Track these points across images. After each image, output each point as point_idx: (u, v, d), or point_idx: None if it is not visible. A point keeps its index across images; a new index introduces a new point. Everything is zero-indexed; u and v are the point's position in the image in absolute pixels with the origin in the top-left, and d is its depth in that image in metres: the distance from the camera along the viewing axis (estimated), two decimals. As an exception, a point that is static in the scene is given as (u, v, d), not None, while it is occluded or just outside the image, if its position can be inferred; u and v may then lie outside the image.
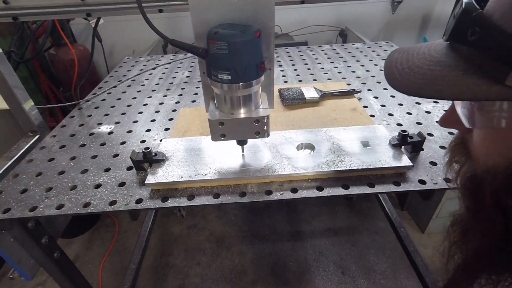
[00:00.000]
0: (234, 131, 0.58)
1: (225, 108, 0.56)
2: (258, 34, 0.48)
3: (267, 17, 0.50)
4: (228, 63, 0.48)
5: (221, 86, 0.51)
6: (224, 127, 0.56)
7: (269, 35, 0.52)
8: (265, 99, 0.60)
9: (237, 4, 0.49)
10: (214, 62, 0.50)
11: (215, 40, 0.47)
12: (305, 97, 0.93)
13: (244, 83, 0.51)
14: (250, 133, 0.58)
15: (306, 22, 2.06)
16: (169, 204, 0.61)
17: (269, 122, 0.57)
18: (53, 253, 0.73)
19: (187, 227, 1.77)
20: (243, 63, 0.49)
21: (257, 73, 0.51)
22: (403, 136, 0.67)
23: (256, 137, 0.58)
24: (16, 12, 0.75)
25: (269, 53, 0.55)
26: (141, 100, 1.05)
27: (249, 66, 0.49)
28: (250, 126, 0.57)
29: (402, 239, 1.32)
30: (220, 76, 0.50)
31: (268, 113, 0.56)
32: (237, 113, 0.56)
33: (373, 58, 1.28)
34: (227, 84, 0.50)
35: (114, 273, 1.55)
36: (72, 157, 0.77)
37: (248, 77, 0.50)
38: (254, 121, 0.56)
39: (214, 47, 0.47)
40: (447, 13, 2.02)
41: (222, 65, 0.49)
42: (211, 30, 0.48)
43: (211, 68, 0.51)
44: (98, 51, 1.90)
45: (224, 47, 0.47)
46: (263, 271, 1.50)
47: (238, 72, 0.49)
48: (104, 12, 0.77)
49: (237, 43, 0.46)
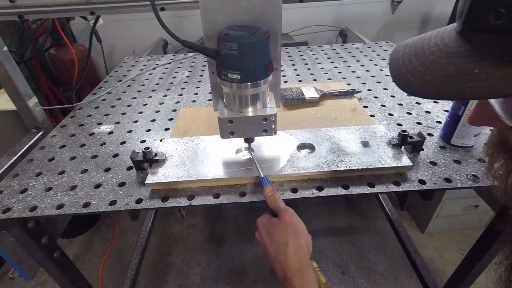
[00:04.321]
0: (243, 129, 0.59)
1: (234, 106, 0.57)
2: (266, 35, 0.50)
3: (275, 19, 0.52)
4: (238, 63, 0.50)
5: (230, 85, 0.53)
6: (233, 125, 0.58)
7: (276, 37, 0.54)
8: (272, 98, 0.61)
9: (246, 6, 0.50)
10: (224, 62, 0.51)
11: (226, 41, 0.48)
12: (305, 97, 0.93)
13: (252, 82, 0.52)
14: (258, 131, 0.59)
15: (306, 22, 2.06)
16: (169, 204, 0.61)
17: (277, 120, 0.58)
18: (53, 253, 0.73)
19: (187, 227, 1.77)
20: (252, 63, 0.50)
21: (265, 73, 0.53)
22: (403, 136, 0.67)
23: (264, 135, 0.59)
24: (21, 10, 0.76)
25: (276, 53, 0.56)
26: (141, 100, 1.05)
27: (258, 66, 0.51)
28: (258, 124, 0.58)
29: (402, 239, 1.32)
30: (230, 76, 0.51)
31: (275, 112, 0.57)
32: (246, 112, 0.57)
33: (373, 58, 1.28)
34: (237, 83, 0.52)
35: (114, 273, 1.55)
36: (72, 157, 0.77)
37: (256, 76, 0.52)
38: (262, 119, 0.57)
39: (224, 48, 0.49)
40: (447, 13, 2.02)
41: (232, 65, 0.50)
42: (221, 32, 0.50)
43: (221, 68, 0.52)
44: (97, 51, 1.90)
45: (234, 48, 0.48)
46: (263, 271, 1.50)
47: (248, 72, 0.51)
48: (107, 10, 0.78)
49: (247, 44, 0.48)
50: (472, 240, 0.84)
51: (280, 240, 0.48)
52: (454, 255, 1.53)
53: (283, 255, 0.47)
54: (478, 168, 0.65)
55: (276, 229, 0.50)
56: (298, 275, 0.45)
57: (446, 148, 0.72)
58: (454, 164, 0.67)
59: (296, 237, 0.48)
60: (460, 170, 0.65)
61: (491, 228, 0.76)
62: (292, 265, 0.46)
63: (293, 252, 0.47)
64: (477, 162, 0.67)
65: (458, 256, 1.52)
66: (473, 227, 1.66)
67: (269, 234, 0.50)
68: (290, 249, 0.47)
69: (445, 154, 0.70)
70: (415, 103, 0.92)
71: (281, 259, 0.47)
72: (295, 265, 0.46)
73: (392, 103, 0.93)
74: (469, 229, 1.66)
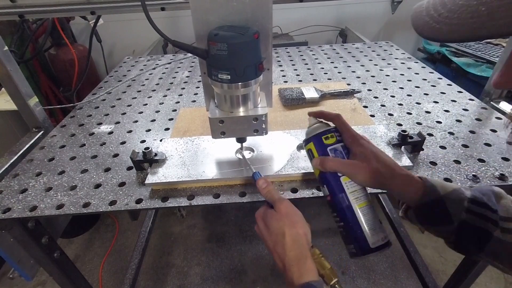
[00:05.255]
0: (234, 129, 0.59)
1: (225, 106, 0.57)
2: (256, 35, 0.50)
3: (265, 19, 0.52)
4: (228, 63, 0.50)
5: (221, 85, 0.53)
6: (224, 125, 0.58)
7: (267, 37, 0.54)
8: (263, 98, 0.61)
9: (237, 6, 0.51)
10: (214, 63, 0.51)
11: (215, 42, 0.48)
12: (305, 97, 0.93)
13: (243, 82, 0.52)
14: (249, 131, 0.59)
15: (306, 22, 2.06)
16: (169, 204, 0.61)
17: (268, 120, 0.58)
18: (53, 253, 0.73)
19: (187, 227, 1.77)
20: (242, 63, 0.50)
21: (255, 73, 0.53)
22: (403, 136, 0.67)
23: (255, 135, 0.59)
24: (22, 10, 0.76)
25: (267, 53, 0.56)
26: (141, 100, 1.05)
27: (248, 66, 0.51)
28: (249, 124, 0.58)
29: (402, 239, 1.32)
30: (220, 76, 0.51)
31: (266, 112, 0.57)
32: (237, 112, 0.57)
33: (373, 58, 1.28)
34: (227, 83, 0.52)
35: (114, 273, 1.55)
36: (72, 157, 0.77)
37: (247, 77, 0.52)
38: (253, 119, 0.57)
39: (214, 48, 0.49)
40: (447, 13, 2.02)
41: (222, 66, 0.50)
42: (211, 32, 0.50)
43: (211, 68, 0.52)
44: (98, 51, 1.90)
45: (224, 48, 0.48)
46: (263, 271, 1.50)
47: (237, 72, 0.50)
48: (108, 10, 0.78)
49: (236, 45, 0.48)
50: (472, 240, 0.84)
51: (277, 231, 0.48)
52: (454, 255, 1.53)
53: (281, 246, 0.47)
54: (478, 168, 0.65)
55: (272, 220, 0.49)
56: (297, 265, 0.45)
57: (446, 148, 0.72)
58: (454, 164, 0.67)
59: (293, 226, 0.47)
60: (460, 170, 0.65)
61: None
62: (290, 255, 0.46)
63: (291, 242, 0.46)
64: (477, 162, 0.67)
65: (458, 256, 1.51)
66: (473, 227, 1.66)
67: (266, 225, 0.50)
68: (287, 240, 0.46)
69: (445, 154, 0.70)
70: (415, 103, 0.92)
71: (279, 250, 0.47)
72: (293, 255, 0.46)
73: (392, 103, 0.93)
74: (469, 229, 1.66)
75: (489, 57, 1.46)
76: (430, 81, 1.06)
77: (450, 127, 0.80)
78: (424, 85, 1.04)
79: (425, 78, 1.09)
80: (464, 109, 0.88)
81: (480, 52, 1.52)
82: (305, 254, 0.46)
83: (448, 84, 1.04)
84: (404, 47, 1.40)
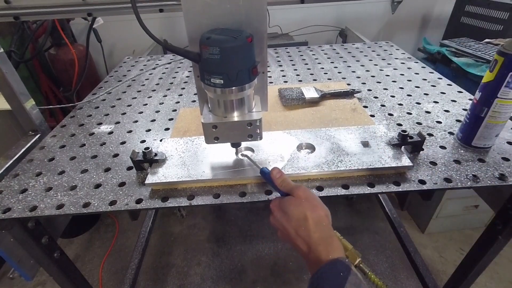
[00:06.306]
0: (227, 134, 0.58)
1: (219, 111, 0.56)
2: (250, 39, 0.49)
3: (260, 21, 0.51)
4: (220, 68, 0.49)
5: (214, 90, 0.52)
6: (217, 130, 0.57)
7: (262, 39, 0.53)
8: (258, 102, 0.60)
9: (230, 9, 0.49)
10: (207, 67, 0.50)
11: (207, 46, 0.47)
12: (305, 97, 0.93)
13: (236, 87, 0.51)
14: (243, 136, 0.58)
15: (306, 22, 2.06)
16: (169, 204, 0.61)
17: (262, 125, 0.57)
18: (53, 253, 0.73)
19: (187, 227, 1.77)
20: (235, 67, 0.49)
21: (249, 77, 0.52)
22: (403, 136, 0.67)
23: (249, 140, 0.58)
24: (17, 11, 0.75)
25: (262, 57, 0.55)
26: (141, 100, 1.05)
27: (241, 70, 0.50)
28: (243, 129, 0.57)
29: (402, 239, 1.32)
30: (213, 81, 0.50)
31: (260, 116, 0.57)
32: (230, 116, 0.56)
33: (373, 58, 1.28)
34: (220, 88, 0.51)
35: (114, 273, 1.55)
36: (72, 157, 0.77)
37: (240, 81, 0.51)
38: (247, 124, 0.56)
39: (206, 52, 0.48)
40: (447, 13, 2.02)
41: (215, 70, 0.49)
42: (203, 35, 0.48)
43: (204, 73, 0.51)
44: (98, 51, 1.90)
45: (216, 52, 0.47)
46: (263, 271, 1.50)
47: (230, 76, 0.50)
48: (104, 12, 0.77)
49: (228, 49, 0.47)
50: (472, 240, 0.84)
51: (299, 215, 0.47)
52: (454, 255, 1.53)
53: (305, 229, 0.46)
54: (478, 168, 0.65)
55: (292, 206, 0.49)
56: (323, 244, 0.45)
57: (446, 148, 0.72)
58: (454, 164, 0.67)
59: (314, 209, 0.47)
60: (460, 170, 0.65)
61: (491, 228, 0.76)
62: (315, 236, 0.45)
63: (314, 224, 0.46)
64: (477, 162, 0.67)
65: (458, 256, 1.52)
66: (473, 227, 1.66)
67: (284, 213, 0.49)
68: (310, 222, 0.46)
69: (445, 154, 0.70)
70: (415, 103, 0.92)
71: (303, 233, 0.46)
72: (318, 236, 0.45)
73: (392, 103, 0.93)
74: (469, 229, 1.66)
75: (489, 57, 1.46)
76: (430, 81, 1.06)
77: (450, 127, 0.80)
78: (424, 85, 1.04)
79: (425, 78, 1.09)
80: (464, 109, 0.88)
81: (480, 52, 1.52)
82: (330, 234, 0.46)
83: (448, 84, 1.04)
84: (404, 47, 1.40)
